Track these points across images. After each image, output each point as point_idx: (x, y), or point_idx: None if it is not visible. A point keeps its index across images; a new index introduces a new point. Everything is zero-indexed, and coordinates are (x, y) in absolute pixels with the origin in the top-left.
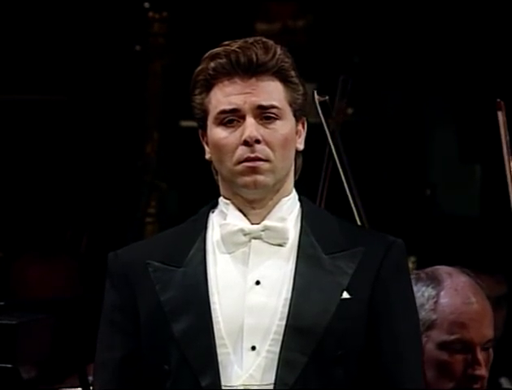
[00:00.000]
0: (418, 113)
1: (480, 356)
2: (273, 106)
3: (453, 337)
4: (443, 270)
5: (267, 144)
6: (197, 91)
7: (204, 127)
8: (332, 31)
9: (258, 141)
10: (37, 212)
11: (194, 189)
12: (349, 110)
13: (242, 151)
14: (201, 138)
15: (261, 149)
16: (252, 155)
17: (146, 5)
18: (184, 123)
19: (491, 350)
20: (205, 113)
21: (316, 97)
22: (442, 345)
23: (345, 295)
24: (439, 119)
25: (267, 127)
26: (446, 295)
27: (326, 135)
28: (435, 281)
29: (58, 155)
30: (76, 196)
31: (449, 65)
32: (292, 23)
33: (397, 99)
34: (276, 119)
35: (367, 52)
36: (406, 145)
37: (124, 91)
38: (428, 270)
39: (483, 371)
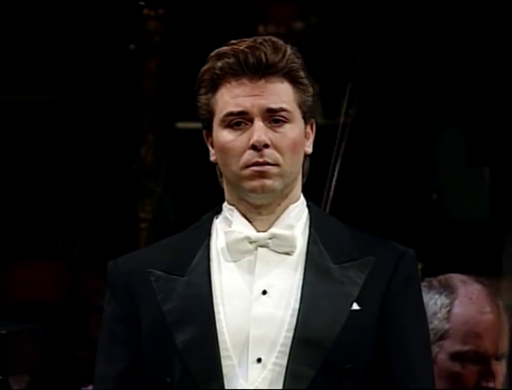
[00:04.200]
0: (424, 113)
1: (494, 368)
2: (282, 109)
3: (466, 348)
4: (456, 278)
5: (276, 148)
6: (202, 91)
7: (209, 128)
8: (336, 31)
9: (266, 146)
10: (28, 216)
11: (191, 193)
12: (352, 111)
13: (250, 156)
14: (205, 139)
15: (269, 154)
16: (260, 160)
17: (141, 2)
18: (181, 125)
19: (504, 362)
20: (210, 114)
21: None
22: (455, 356)
23: (355, 306)
24: (445, 119)
25: (276, 131)
26: (460, 304)
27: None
28: (448, 289)
29: (50, 157)
30: (69, 199)
31: (455, 64)
32: (295, 23)
33: (402, 99)
34: (285, 122)
35: (371, 52)
36: (411, 147)
37: (118, 91)
38: (441, 277)
39: (496, 384)
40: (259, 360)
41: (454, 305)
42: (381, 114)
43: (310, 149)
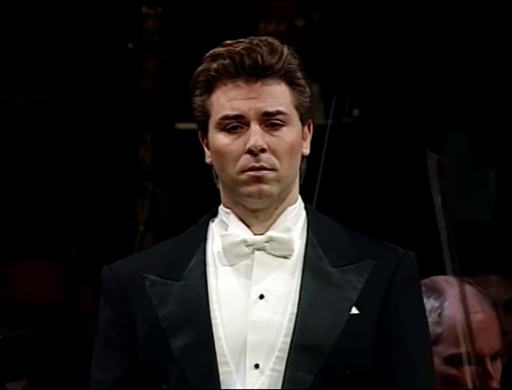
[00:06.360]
0: (429, 114)
1: (491, 368)
2: (279, 112)
3: (461, 350)
4: (441, 279)
5: (273, 152)
6: (197, 92)
7: (204, 129)
8: (338, 29)
9: (263, 150)
10: (26, 218)
11: (190, 195)
12: (355, 112)
13: (246, 160)
14: (200, 140)
15: (266, 158)
16: (257, 165)
17: (140, 0)
18: (180, 126)
19: (499, 361)
20: (206, 116)
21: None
22: (450, 360)
23: (354, 310)
24: (450, 120)
25: (273, 135)
26: (450, 306)
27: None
28: (436, 292)
29: (46, 159)
30: (66, 201)
31: (461, 64)
32: (297, 21)
33: (406, 99)
34: (282, 125)
35: (374, 50)
36: (416, 147)
37: (117, 91)
38: (426, 280)
39: (494, 384)
40: (257, 366)
41: (444, 307)
42: (385, 114)
43: (307, 151)
